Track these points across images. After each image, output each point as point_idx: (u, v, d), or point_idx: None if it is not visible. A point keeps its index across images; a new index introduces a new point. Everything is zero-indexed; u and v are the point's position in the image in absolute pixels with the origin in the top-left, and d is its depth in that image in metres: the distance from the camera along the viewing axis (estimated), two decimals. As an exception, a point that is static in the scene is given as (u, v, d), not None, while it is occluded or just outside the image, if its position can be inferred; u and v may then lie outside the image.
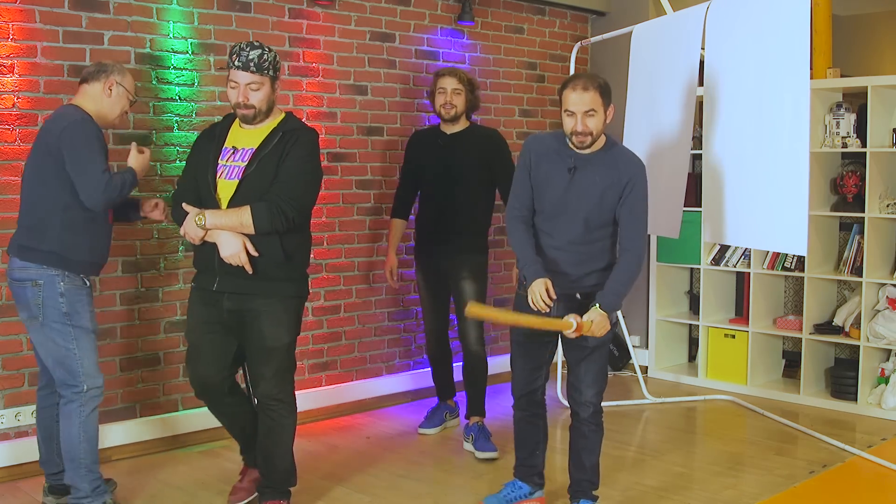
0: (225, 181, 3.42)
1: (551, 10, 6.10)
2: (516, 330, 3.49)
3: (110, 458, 4.23)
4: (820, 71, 5.59)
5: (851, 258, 5.21)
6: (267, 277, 3.43)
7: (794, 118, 3.76)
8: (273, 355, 3.48)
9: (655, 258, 5.97)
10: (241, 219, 3.34)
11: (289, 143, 3.43)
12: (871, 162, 5.02)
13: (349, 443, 4.61)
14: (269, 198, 3.36)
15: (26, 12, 3.96)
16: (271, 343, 3.46)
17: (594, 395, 3.47)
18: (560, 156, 3.38)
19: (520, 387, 3.59)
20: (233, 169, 3.42)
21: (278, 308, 3.46)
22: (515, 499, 3.67)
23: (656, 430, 4.89)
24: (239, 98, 3.41)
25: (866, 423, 4.89)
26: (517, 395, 3.61)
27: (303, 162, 3.44)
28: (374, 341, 5.28)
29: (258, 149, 3.42)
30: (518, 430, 3.68)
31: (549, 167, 3.38)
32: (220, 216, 3.37)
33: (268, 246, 3.40)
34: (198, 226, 3.37)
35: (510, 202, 3.48)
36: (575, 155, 3.36)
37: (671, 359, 6.13)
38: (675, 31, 4.61)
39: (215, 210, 3.39)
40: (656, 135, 4.69)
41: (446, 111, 4.48)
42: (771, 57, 3.88)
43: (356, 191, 5.13)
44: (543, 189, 3.38)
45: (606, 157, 3.36)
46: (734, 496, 3.83)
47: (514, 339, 3.56)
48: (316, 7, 4.90)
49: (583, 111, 3.25)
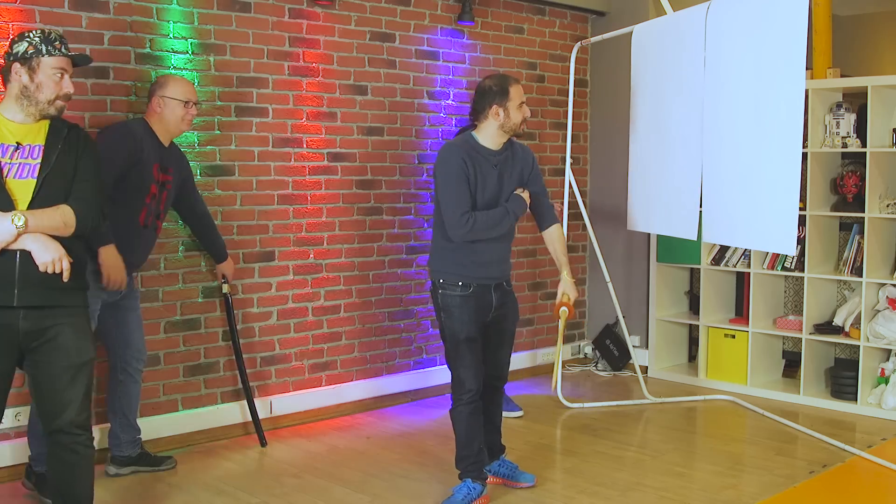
0: (17, 181, 2.97)
1: (551, 10, 6.10)
2: (467, 327, 3.64)
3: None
4: (820, 71, 5.59)
5: (851, 258, 5.21)
6: (70, 286, 3.02)
7: (788, 118, 3.77)
8: (81, 374, 3.03)
9: (655, 258, 5.97)
10: (64, 219, 2.99)
11: (79, 139, 3.12)
12: (871, 162, 5.02)
13: (349, 443, 4.61)
14: (81, 196, 3.05)
15: (26, 12, 3.96)
16: (79, 359, 3.02)
17: (507, 370, 3.93)
18: (484, 157, 3.65)
19: (476, 380, 3.68)
20: (23, 167, 2.99)
21: (82, 319, 3.09)
22: (473, 499, 3.70)
23: (656, 430, 4.89)
24: (68, 88, 3.06)
25: (866, 423, 4.89)
26: (474, 388, 3.68)
27: (98, 161, 3.16)
28: (374, 341, 5.28)
29: (48, 145, 3.04)
30: (468, 426, 3.72)
31: (479, 169, 3.62)
32: (41, 216, 2.94)
33: (77, 250, 3.06)
34: (17, 229, 2.88)
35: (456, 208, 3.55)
36: (495, 154, 3.67)
37: (671, 359, 6.13)
38: (677, 32, 4.62)
39: (33, 210, 2.95)
40: (664, 135, 4.69)
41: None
42: (768, 57, 3.88)
43: (356, 191, 5.13)
44: (479, 190, 3.62)
45: (510, 149, 3.73)
46: (734, 496, 3.83)
47: (466, 337, 3.65)
48: (316, 7, 4.90)
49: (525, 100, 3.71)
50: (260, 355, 4.79)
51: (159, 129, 3.99)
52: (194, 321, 4.54)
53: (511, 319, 3.85)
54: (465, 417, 3.71)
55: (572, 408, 5.24)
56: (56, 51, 3.02)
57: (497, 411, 3.95)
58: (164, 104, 3.97)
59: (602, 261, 5.53)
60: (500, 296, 3.74)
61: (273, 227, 4.80)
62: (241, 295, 4.70)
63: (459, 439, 3.75)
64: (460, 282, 3.65)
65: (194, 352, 4.56)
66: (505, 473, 3.94)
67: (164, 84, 4.01)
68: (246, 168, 4.69)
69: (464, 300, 3.65)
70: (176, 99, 3.97)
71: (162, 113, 3.97)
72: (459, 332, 3.65)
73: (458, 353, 3.67)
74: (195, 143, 4.51)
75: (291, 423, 4.87)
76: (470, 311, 3.66)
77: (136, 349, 4.09)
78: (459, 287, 3.65)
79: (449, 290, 3.66)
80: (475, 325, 3.68)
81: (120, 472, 4.08)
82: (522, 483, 3.93)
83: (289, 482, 4.04)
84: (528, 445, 4.55)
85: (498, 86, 3.64)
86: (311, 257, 4.97)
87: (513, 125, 3.65)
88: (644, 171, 4.97)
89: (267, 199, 4.77)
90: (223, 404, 4.67)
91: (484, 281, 3.68)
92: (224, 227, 4.61)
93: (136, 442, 4.13)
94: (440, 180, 3.62)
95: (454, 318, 3.66)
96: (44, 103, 3.01)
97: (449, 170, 3.59)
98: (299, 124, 4.87)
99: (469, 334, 3.66)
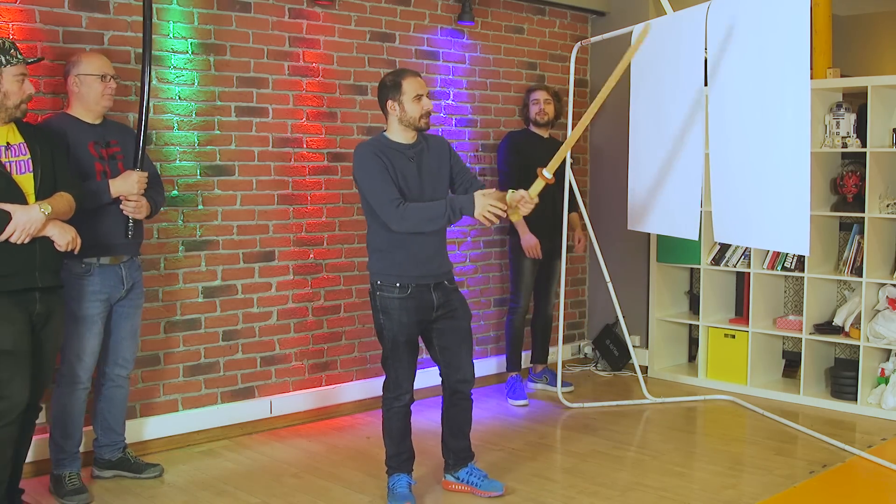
0: (18, 176, 3.32)
1: (551, 10, 6.10)
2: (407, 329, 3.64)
3: (110, 458, 4.23)
4: (820, 71, 5.59)
5: (851, 258, 5.21)
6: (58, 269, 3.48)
7: (794, 118, 3.76)
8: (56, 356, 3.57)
9: (655, 258, 5.97)
10: (70, 204, 3.43)
11: (46, 134, 3.51)
12: (871, 162, 5.02)
13: (349, 443, 4.61)
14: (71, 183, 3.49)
15: (26, 12, 3.96)
16: (59, 344, 3.56)
17: (472, 371, 3.81)
18: (397, 152, 3.63)
19: (411, 382, 3.72)
20: (19, 164, 3.34)
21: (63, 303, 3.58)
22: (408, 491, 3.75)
23: (656, 430, 4.88)
24: (30, 90, 3.37)
25: (866, 423, 4.89)
26: (411, 389, 3.71)
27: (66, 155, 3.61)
28: (374, 341, 5.25)
29: (29, 143, 3.38)
30: (403, 426, 3.75)
31: (395, 164, 3.60)
32: (57, 204, 3.36)
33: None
34: (45, 217, 3.27)
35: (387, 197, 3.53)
36: (408, 147, 3.65)
37: (671, 359, 6.13)
38: (677, 32, 4.62)
39: (49, 199, 3.34)
40: (665, 135, 4.69)
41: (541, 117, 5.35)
42: (771, 57, 3.88)
43: (356, 191, 5.10)
44: (401, 184, 3.59)
45: (425, 141, 3.71)
46: (734, 496, 3.83)
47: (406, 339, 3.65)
48: (316, 7, 4.90)
49: (426, 92, 3.64)
50: (260, 355, 4.79)
51: (81, 111, 3.82)
52: (194, 321, 4.55)
53: (462, 317, 3.76)
54: (402, 418, 3.73)
55: (572, 408, 5.24)
56: (14, 59, 3.30)
57: (464, 417, 3.86)
58: (80, 82, 3.79)
59: (602, 261, 5.53)
60: (441, 295, 3.68)
61: (273, 227, 4.80)
62: (241, 295, 4.71)
63: (394, 439, 3.75)
64: (398, 283, 3.61)
65: (194, 352, 4.56)
66: (474, 482, 3.85)
67: (77, 62, 3.81)
68: (246, 168, 4.69)
69: (402, 302, 3.61)
70: (92, 75, 3.78)
71: (80, 92, 3.79)
72: (399, 334, 3.63)
73: (397, 355, 3.65)
74: (195, 143, 4.51)
75: (291, 423, 4.87)
76: (409, 313, 3.62)
77: (122, 358, 4.01)
78: (397, 289, 3.61)
79: (386, 291, 3.62)
80: (415, 327, 3.66)
81: (101, 475, 4.04)
82: (491, 492, 3.82)
83: (289, 482, 4.04)
84: (529, 445, 4.55)
85: (392, 80, 3.63)
86: (311, 257, 4.97)
87: (410, 118, 3.61)
88: (644, 171, 4.97)
89: (267, 199, 4.77)
90: (223, 404, 4.67)
91: (422, 280, 3.64)
92: (224, 227, 4.62)
93: (118, 446, 4.06)
94: (362, 179, 3.59)
95: (393, 321, 3.62)
96: (12, 108, 3.33)
97: (366, 165, 3.57)
98: (299, 124, 4.87)
99: (409, 336, 3.65)
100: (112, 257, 3.83)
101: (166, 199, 4.24)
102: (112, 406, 4.03)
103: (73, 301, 3.72)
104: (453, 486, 3.89)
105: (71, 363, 3.80)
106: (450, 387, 3.80)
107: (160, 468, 4.12)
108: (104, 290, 3.83)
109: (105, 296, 3.84)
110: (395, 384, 3.70)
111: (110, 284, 3.84)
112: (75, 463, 3.85)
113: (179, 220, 4.46)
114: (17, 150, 3.34)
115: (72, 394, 3.82)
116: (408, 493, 3.72)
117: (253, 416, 4.76)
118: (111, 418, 4.04)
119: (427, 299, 3.66)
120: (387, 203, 3.53)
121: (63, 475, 3.80)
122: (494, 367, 5.80)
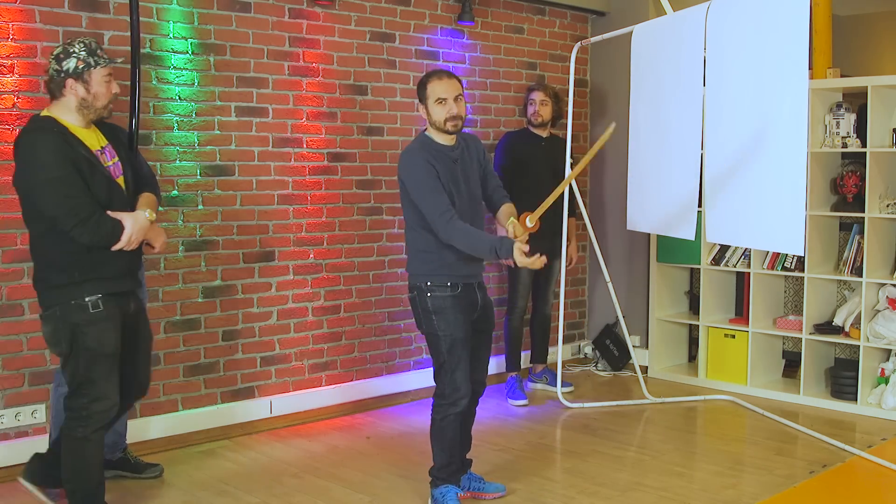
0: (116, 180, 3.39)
1: (551, 10, 6.10)
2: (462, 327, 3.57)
3: (110, 458, 4.23)
4: (820, 71, 5.59)
5: (851, 258, 5.21)
6: None
7: (792, 118, 3.76)
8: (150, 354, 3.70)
9: (655, 258, 5.97)
10: (157, 203, 3.53)
11: (118, 132, 3.55)
12: (871, 162, 5.02)
13: (349, 443, 4.61)
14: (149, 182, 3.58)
15: (26, 12, 3.96)
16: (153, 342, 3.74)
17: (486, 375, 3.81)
18: (442, 153, 3.57)
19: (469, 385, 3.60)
20: (113, 168, 3.39)
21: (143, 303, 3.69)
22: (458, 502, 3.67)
23: (656, 430, 4.89)
24: (116, 89, 3.40)
25: (866, 423, 4.89)
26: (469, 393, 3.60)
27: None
28: (374, 341, 5.28)
29: (113, 144, 3.43)
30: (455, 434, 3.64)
31: (444, 168, 3.53)
32: (154, 206, 3.47)
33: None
34: (150, 221, 3.37)
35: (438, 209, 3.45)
36: (451, 149, 3.59)
37: (671, 359, 6.13)
38: (677, 32, 4.61)
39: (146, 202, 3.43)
40: (664, 136, 4.69)
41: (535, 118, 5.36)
42: (770, 57, 3.88)
43: (356, 191, 5.13)
44: (452, 189, 3.54)
45: (464, 142, 3.67)
46: (734, 496, 3.83)
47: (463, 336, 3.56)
48: (316, 7, 4.90)
49: (454, 95, 3.52)
50: (260, 355, 4.79)
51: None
52: (194, 321, 4.55)
53: (491, 321, 3.77)
54: (458, 425, 3.62)
55: (572, 408, 5.24)
56: (102, 60, 3.31)
57: (472, 421, 3.84)
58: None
59: (602, 261, 5.53)
60: (482, 295, 3.71)
61: (273, 227, 4.80)
62: (241, 295, 4.71)
63: (447, 447, 3.63)
64: (449, 282, 3.57)
65: (194, 352, 4.56)
66: (476, 487, 3.82)
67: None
68: (246, 168, 4.69)
69: (455, 300, 3.57)
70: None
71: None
72: (457, 331, 3.55)
73: (455, 355, 3.56)
74: (195, 143, 4.51)
75: (291, 423, 4.87)
76: (462, 311, 3.58)
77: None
78: (449, 287, 3.57)
79: (439, 291, 3.56)
80: (467, 325, 3.61)
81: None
82: (494, 494, 3.82)
83: (289, 482, 4.04)
84: (528, 445, 4.55)
85: (421, 84, 3.58)
86: (311, 257, 4.97)
87: (435, 122, 3.54)
88: (643, 171, 4.97)
89: (267, 199, 4.77)
90: (223, 404, 4.67)
91: (468, 280, 3.64)
92: (224, 227, 4.62)
93: (118, 447, 4.04)
94: (414, 188, 3.50)
95: (449, 320, 3.55)
96: (100, 109, 3.34)
97: (417, 174, 3.49)
98: (299, 124, 4.87)
99: (465, 333, 3.58)
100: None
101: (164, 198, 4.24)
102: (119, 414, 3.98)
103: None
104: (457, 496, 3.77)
105: None
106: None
107: (160, 468, 4.11)
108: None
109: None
110: (453, 389, 3.56)
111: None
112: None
113: (179, 220, 4.46)
114: (108, 154, 3.38)
115: None
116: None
117: (253, 416, 4.76)
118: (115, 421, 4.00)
119: (473, 298, 3.65)
120: (438, 215, 3.45)
121: None
122: (493, 367, 5.78)
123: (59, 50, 3.28)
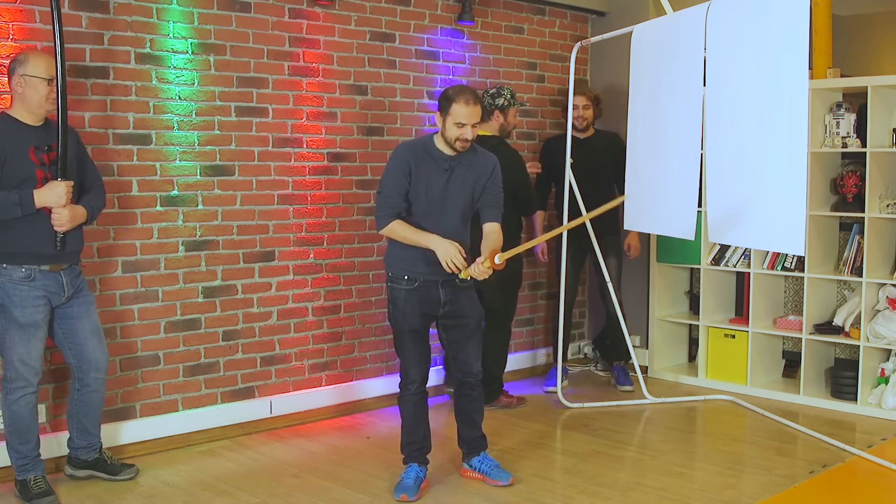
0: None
1: (551, 10, 6.10)
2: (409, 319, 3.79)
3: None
4: (820, 71, 5.59)
5: (851, 258, 5.21)
6: None
7: (792, 118, 3.76)
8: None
9: (655, 258, 5.97)
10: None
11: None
12: (871, 162, 5.02)
13: (349, 443, 4.61)
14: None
15: (26, 12, 3.96)
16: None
17: (479, 365, 3.97)
18: (434, 159, 3.77)
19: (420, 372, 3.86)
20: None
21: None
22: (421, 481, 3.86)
23: (656, 430, 4.89)
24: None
25: (866, 423, 4.89)
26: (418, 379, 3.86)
27: None
28: (374, 341, 5.28)
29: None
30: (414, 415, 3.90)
31: (426, 169, 3.74)
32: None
33: None
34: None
35: (385, 201, 3.73)
36: (446, 158, 3.77)
37: (671, 359, 6.13)
38: (676, 32, 4.61)
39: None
40: (662, 135, 4.68)
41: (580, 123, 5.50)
42: (770, 57, 3.88)
43: (356, 191, 5.13)
44: (422, 190, 3.74)
45: (474, 158, 3.83)
46: (734, 496, 3.83)
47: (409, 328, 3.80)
48: (316, 7, 4.90)
49: (472, 123, 3.72)
50: (260, 355, 4.79)
51: (23, 113, 3.67)
52: (194, 321, 4.55)
53: (469, 314, 3.89)
54: (412, 406, 3.88)
55: (572, 408, 5.24)
56: (517, 103, 4.06)
57: (474, 407, 4.01)
58: (25, 83, 3.61)
59: (602, 261, 5.53)
60: (449, 292, 3.81)
61: (273, 227, 4.80)
62: (241, 295, 4.71)
63: (406, 427, 3.91)
64: (406, 276, 3.78)
65: (194, 352, 4.56)
66: (485, 470, 3.99)
67: (24, 62, 3.62)
68: (246, 168, 4.69)
69: (409, 293, 3.78)
70: (38, 77, 3.61)
71: (24, 93, 3.62)
72: (402, 323, 3.80)
73: (401, 342, 3.84)
74: (195, 143, 4.51)
75: (291, 423, 4.88)
76: (413, 305, 3.78)
77: (93, 359, 3.90)
78: (405, 281, 3.78)
79: (396, 283, 3.81)
80: (419, 318, 3.80)
81: (76, 475, 4.01)
82: (498, 481, 3.95)
83: (289, 482, 4.04)
84: (528, 445, 4.55)
85: (447, 98, 3.76)
86: (311, 257, 4.97)
87: (447, 137, 3.75)
88: (643, 171, 4.96)
89: (267, 199, 4.77)
90: (223, 404, 4.67)
91: (431, 277, 3.77)
92: (224, 227, 4.62)
93: (93, 448, 4.01)
94: (383, 173, 3.79)
95: (398, 310, 3.80)
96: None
97: (391, 163, 3.76)
98: (299, 124, 4.87)
99: (412, 326, 3.80)
100: (51, 266, 3.74)
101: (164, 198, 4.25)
102: (88, 410, 3.95)
103: (15, 307, 3.65)
104: (468, 474, 4.04)
105: (17, 368, 3.69)
106: (458, 379, 3.98)
107: (136, 469, 4.07)
108: (46, 294, 3.73)
109: (46, 300, 3.74)
110: (403, 373, 3.89)
111: (51, 291, 3.75)
112: (38, 466, 3.80)
113: (179, 220, 4.47)
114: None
115: (22, 398, 3.72)
116: (411, 486, 3.78)
117: (253, 416, 4.76)
118: (87, 421, 3.97)
119: (434, 294, 3.80)
120: (381, 208, 3.73)
121: (28, 479, 3.74)
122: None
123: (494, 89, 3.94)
